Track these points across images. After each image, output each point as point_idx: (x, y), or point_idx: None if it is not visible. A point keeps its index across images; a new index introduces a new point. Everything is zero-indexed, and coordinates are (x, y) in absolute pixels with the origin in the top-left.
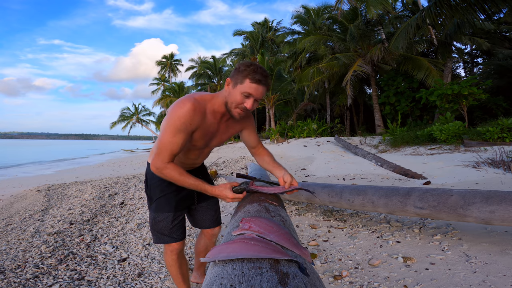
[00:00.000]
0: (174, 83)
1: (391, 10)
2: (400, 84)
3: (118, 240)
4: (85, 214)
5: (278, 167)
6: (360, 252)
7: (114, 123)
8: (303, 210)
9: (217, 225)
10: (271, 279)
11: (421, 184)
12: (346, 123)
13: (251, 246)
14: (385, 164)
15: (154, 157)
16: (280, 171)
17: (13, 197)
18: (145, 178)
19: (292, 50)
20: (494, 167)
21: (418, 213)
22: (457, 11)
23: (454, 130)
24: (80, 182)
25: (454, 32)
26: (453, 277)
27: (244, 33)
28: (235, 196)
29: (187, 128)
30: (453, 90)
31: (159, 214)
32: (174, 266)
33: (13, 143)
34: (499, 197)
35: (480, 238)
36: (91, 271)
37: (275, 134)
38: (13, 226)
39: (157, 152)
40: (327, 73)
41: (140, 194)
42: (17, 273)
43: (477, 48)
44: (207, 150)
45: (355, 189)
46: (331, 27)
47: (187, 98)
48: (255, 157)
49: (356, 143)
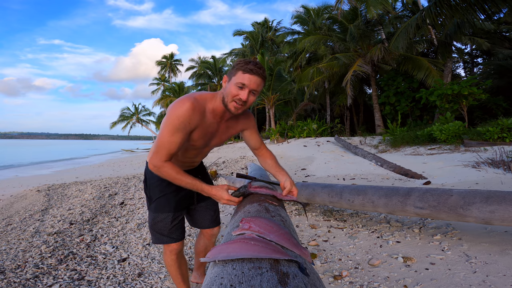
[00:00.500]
0: (174, 83)
1: (391, 10)
2: (400, 84)
3: (118, 240)
4: (85, 214)
5: (281, 172)
6: (360, 252)
7: (114, 123)
8: (303, 210)
9: (216, 225)
10: (271, 279)
11: (421, 184)
12: (346, 123)
13: (251, 246)
14: (385, 164)
15: (152, 155)
16: (283, 176)
17: (13, 197)
18: (144, 178)
19: (292, 50)
20: (494, 167)
21: (418, 213)
22: (457, 11)
23: (454, 130)
24: (80, 182)
25: (454, 32)
26: (453, 277)
27: (244, 33)
28: (230, 199)
29: (185, 128)
30: (453, 90)
31: (158, 214)
32: (173, 266)
33: (13, 143)
34: (499, 197)
35: (480, 238)
36: (91, 271)
37: (275, 134)
38: (13, 226)
39: (155, 150)
40: (327, 73)
41: (140, 194)
42: (17, 273)
43: (477, 48)
44: (207, 150)
45: (355, 189)
46: (331, 27)
47: (186, 97)
48: (258, 158)
49: (356, 143)
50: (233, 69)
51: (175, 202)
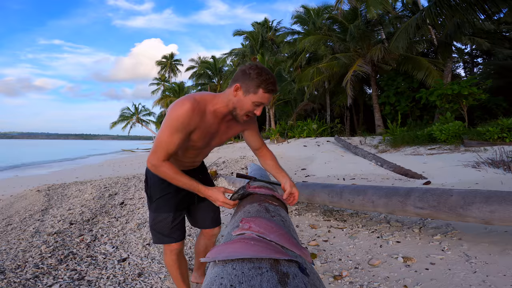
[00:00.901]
0: (174, 83)
1: (391, 10)
2: (400, 84)
3: (118, 240)
4: (85, 214)
5: (281, 173)
6: (360, 252)
7: (114, 123)
8: (303, 210)
9: (216, 225)
10: (271, 279)
11: (421, 184)
12: (346, 123)
13: (251, 246)
14: (385, 164)
15: (151, 154)
16: (283, 177)
17: (13, 197)
18: (145, 178)
19: (292, 50)
20: (494, 167)
21: (418, 213)
22: (457, 11)
23: (454, 130)
24: (80, 182)
25: (454, 32)
26: (453, 277)
27: (244, 33)
28: (225, 201)
29: (185, 128)
30: (453, 90)
31: (159, 214)
32: (173, 266)
33: (13, 143)
34: (499, 197)
35: (480, 238)
36: (91, 271)
37: (275, 134)
38: (13, 226)
39: (154, 150)
40: (327, 73)
41: (140, 194)
42: (17, 273)
43: (477, 48)
44: (207, 150)
45: (355, 189)
46: (331, 27)
47: (186, 98)
48: (259, 158)
49: (356, 143)
50: (249, 80)
51: (176, 202)
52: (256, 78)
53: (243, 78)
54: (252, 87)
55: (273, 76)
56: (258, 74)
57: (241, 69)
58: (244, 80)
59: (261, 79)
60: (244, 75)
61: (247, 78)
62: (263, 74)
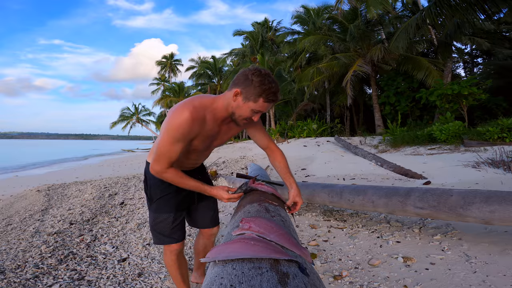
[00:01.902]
0: (174, 83)
1: (391, 10)
2: (400, 84)
3: (118, 240)
4: (85, 214)
5: (289, 179)
6: (360, 252)
7: (114, 123)
8: (303, 210)
9: (215, 225)
10: (271, 279)
11: (421, 184)
12: (346, 123)
13: (251, 246)
14: (385, 164)
15: (153, 162)
16: (290, 184)
17: (13, 197)
18: (145, 178)
19: (292, 50)
20: (494, 167)
21: (418, 213)
22: (457, 11)
23: (454, 130)
24: (80, 182)
25: (454, 32)
26: (453, 277)
27: (244, 33)
28: (230, 197)
29: (185, 138)
30: (453, 90)
31: (159, 215)
32: (173, 266)
33: (13, 143)
34: (499, 197)
35: (480, 238)
36: (91, 271)
37: (275, 134)
38: (13, 226)
39: (156, 158)
40: (327, 73)
41: (140, 194)
42: (17, 273)
43: (477, 48)
44: (208, 152)
45: (355, 189)
46: (331, 27)
47: (185, 105)
48: (268, 156)
49: (356, 143)
50: (250, 87)
51: (176, 202)
52: (259, 86)
53: (244, 83)
54: (252, 95)
55: (276, 84)
56: (260, 82)
57: (243, 73)
58: (245, 86)
59: (263, 88)
60: (246, 81)
61: (248, 84)
62: (266, 82)
